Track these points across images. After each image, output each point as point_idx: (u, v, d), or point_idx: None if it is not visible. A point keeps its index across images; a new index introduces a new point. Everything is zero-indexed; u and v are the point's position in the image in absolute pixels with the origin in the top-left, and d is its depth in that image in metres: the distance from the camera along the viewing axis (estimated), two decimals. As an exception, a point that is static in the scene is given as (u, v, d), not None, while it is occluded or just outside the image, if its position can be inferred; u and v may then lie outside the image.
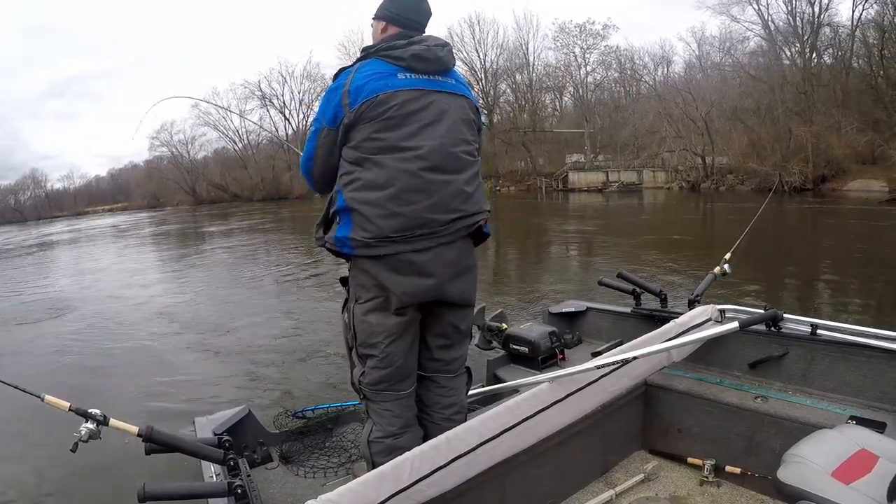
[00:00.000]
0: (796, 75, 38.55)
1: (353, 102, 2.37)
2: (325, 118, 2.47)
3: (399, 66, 2.43)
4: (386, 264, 2.39)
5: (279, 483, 2.90)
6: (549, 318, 4.36)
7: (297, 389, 6.71)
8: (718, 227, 23.30)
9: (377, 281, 2.44)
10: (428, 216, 2.39)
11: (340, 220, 2.45)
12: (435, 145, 2.41)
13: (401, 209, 2.34)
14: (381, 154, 2.37)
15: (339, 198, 2.45)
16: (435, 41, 2.53)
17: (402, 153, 2.37)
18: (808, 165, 32.67)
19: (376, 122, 2.36)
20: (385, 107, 2.36)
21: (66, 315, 12.34)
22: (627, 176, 47.39)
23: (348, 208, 2.40)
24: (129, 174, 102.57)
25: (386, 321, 2.48)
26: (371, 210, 2.34)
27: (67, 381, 7.86)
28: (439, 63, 2.50)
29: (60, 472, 5.10)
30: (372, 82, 2.37)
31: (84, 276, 19.10)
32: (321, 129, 2.49)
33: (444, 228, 2.43)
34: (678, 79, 48.86)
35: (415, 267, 2.40)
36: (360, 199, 2.37)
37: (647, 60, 57.05)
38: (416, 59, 2.43)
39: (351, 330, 2.60)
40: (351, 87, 2.38)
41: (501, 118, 63.85)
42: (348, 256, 2.49)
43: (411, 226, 2.36)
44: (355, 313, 2.56)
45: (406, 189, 2.35)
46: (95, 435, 2.11)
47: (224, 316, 11.24)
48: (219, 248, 24.80)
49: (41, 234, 48.91)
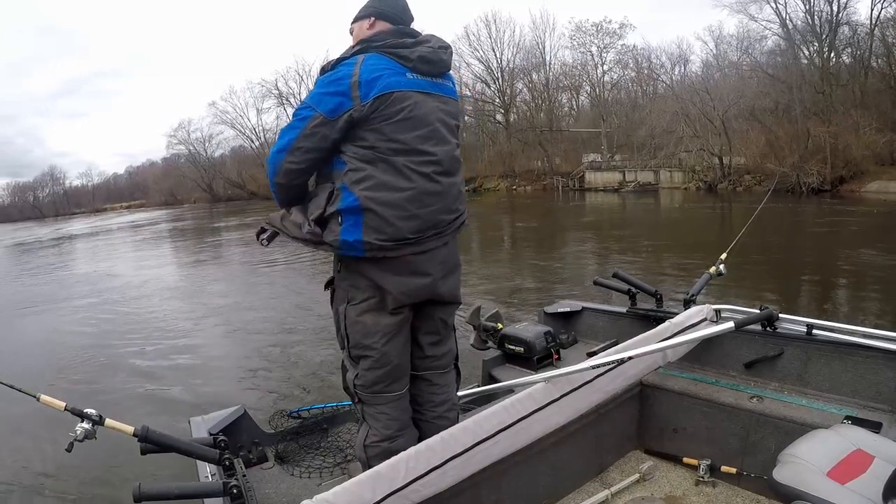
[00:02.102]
0: (814, 75, 38.17)
1: (365, 95, 2.26)
2: (323, 106, 2.30)
3: (405, 66, 2.37)
4: (383, 265, 2.37)
5: (275, 483, 2.90)
6: (545, 317, 4.35)
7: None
8: (736, 229, 23.11)
9: (372, 282, 2.41)
10: (439, 217, 2.41)
11: (345, 221, 2.33)
12: (445, 149, 2.43)
13: (419, 211, 2.34)
14: (398, 156, 2.32)
15: (345, 195, 2.32)
16: (439, 43, 2.50)
17: (420, 156, 2.35)
18: (826, 166, 32.29)
19: (392, 122, 2.30)
20: (400, 106, 2.31)
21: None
22: (644, 176, 47.07)
23: (362, 207, 2.29)
24: (146, 172, 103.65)
25: (382, 321, 2.45)
26: (390, 211, 2.29)
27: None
28: (442, 66, 2.48)
29: (56, 473, 5.17)
30: (385, 77, 2.30)
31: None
32: (313, 116, 2.31)
33: (447, 228, 2.46)
34: (695, 78, 48.51)
35: (411, 267, 2.40)
36: (379, 199, 2.29)
37: (664, 59, 56.62)
38: (422, 61, 2.39)
39: (342, 332, 2.55)
40: (362, 78, 2.27)
41: (518, 117, 63.78)
42: (345, 258, 2.45)
43: (425, 227, 2.37)
44: (348, 315, 2.50)
45: (424, 192, 2.35)
46: (91, 435, 2.10)
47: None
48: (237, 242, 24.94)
49: (65, 231, 49.25)
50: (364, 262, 2.38)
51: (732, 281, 11.05)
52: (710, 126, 41.59)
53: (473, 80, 65.28)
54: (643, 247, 17.06)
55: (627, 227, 24.20)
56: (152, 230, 41.25)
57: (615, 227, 24.90)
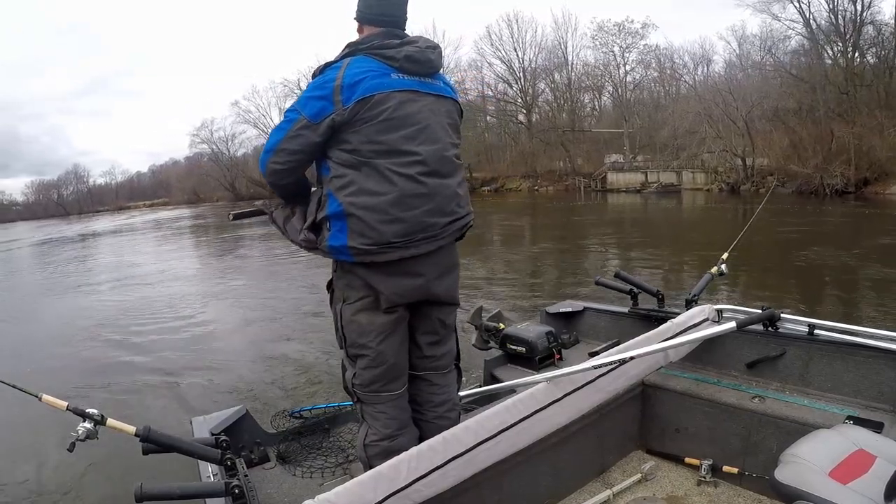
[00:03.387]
0: (838, 75, 37.63)
1: (347, 99, 2.28)
2: (307, 111, 2.33)
3: (391, 66, 2.38)
4: (373, 267, 2.38)
5: (276, 483, 2.91)
6: (546, 317, 4.35)
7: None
8: (759, 232, 22.91)
9: (365, 282, 2.43)
10: (428, 220, 2.38)
11: (332, 227, 2.38)
12: (432, 149, 2.39)
13: (402, 214, 2.32)
14: (380, 158, 2.32)
15: (331, 201, 2.37)
16: (426, 43, 2.50)
17: (402, 157, 2.33)
18: (850, 168, 31.93)
19: (374, 124, 2.31)
20: (382, 108, 2.31)
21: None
22: (666, 177, 46.75)
23: (345, 213, 2.33)
24: (169, 170, 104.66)
25: (376, 320, 2.47)
26: (372, 215, 2.30)
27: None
28: (430, 65, 2.47)
29: (57, 472, 5.21)
30: (367, 80, 2.31)
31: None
32: (297, 119, 2.35)
33: (441, 231, 2.44)
34: (718, 78, 48.13)
35: (404, 268, 2.40)
36: (360, 204, 2.31)
37: (686, 59, 56.19)
38: (408, 60, 2.39)
39: (339, 331, 2.58)
40: (344, 82, 2.29)
41: (540, 117, 63.56)
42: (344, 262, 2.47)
43: (412, 231, 2.35)
44: (343, 314, 2.53)
45: (407, 194, 2.33)
46: (93, 435, 2.09)
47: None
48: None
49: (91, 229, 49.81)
50: (356, 264, 2.40)
51: (748, 281, 11.05)
52: (733, 127, 41.23)
53: (495, 80, 65.30)
54: (667, 249, 16.95)
55: (649, 228, 24.03)
56: (175, 227, 41.60)
57: (636, 227, 24.81)
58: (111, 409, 2.29)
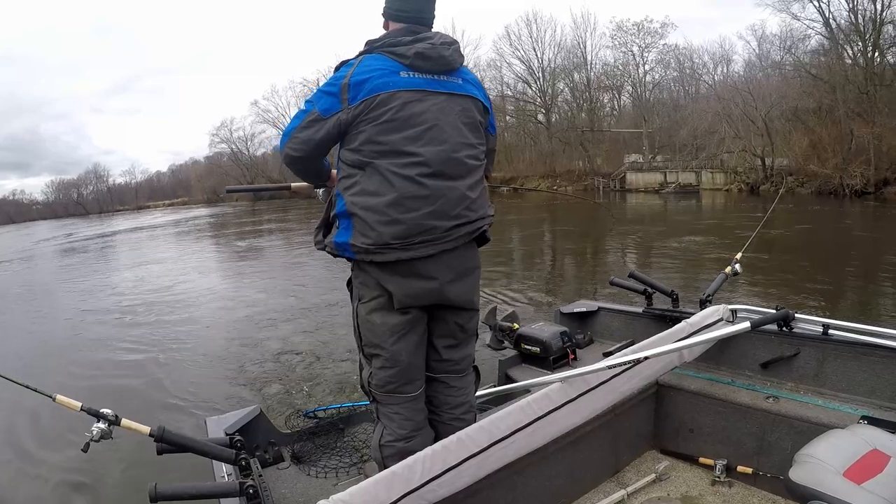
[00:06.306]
0: (858, 75, 37.16)
1: (353, 98, 2.30)
2: (320, 104, 2.36)
3: (402, 64, 2.35)
4: (387, 267, 2.37)
5: (291, 483, 2.92)
6: (561, 318, 4.35)
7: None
8: (781, 232, 22.80)
9: (378, 281, 2.42)
10: (429, 223, 2.33)
11: (340, 225, 2.42)
12: (437, 150, 2.35)
13: (401, 216, 2.30)
14: (382, 158, 2.31)
15: (339, 201, 2.41)
16: (441, 39, 2.44)
17: (403, 158, 2.31)
18: (870, 168, 31.67)
19: (377, 125, 2.30)
20: (385, 108, 2.29)
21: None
22: (685, 177, 46.51)
23: (348, 213, 2.36)
24: (189, 170, 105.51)
25: (389, 320, 2.44)
26: (371, 216, 2.31)
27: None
28: (443, 62, 2.42)
29: (72, 473, 5.24)
30: (373, 79, 2.30)
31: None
32: (311, 111, 2.37)
33: (445, 235, 2.38)
34: (738, 78, 47.96)
35: (415, 270, 2.37)
36: (361, 205, 2.32)
37: (706, 59, 56.10)
38: (419, 57, 2.36)
39: (356, 330, 2.57)
40: (352, 81, 2.30)
41: (559, 117, 63.60)
42: (350, 259, 2.48)
43: (412, 233, 2.31)
44: (359, 313, 2.52)
45: (407, 196, 2.30)
46: (107, 435, 2.10)
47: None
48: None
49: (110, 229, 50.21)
50: (370, 264, 2.39)
51: (767, 281, 10.99)
52: (753, 127, 41.03)
53: (514, 79, 65.34)
54: (683, 249, 16.87)
55: (667, 227, 23.89)
56: (194, 224, 41.86)
57: (655, 225, 24.73)
58: (124, 407, 2.29)
